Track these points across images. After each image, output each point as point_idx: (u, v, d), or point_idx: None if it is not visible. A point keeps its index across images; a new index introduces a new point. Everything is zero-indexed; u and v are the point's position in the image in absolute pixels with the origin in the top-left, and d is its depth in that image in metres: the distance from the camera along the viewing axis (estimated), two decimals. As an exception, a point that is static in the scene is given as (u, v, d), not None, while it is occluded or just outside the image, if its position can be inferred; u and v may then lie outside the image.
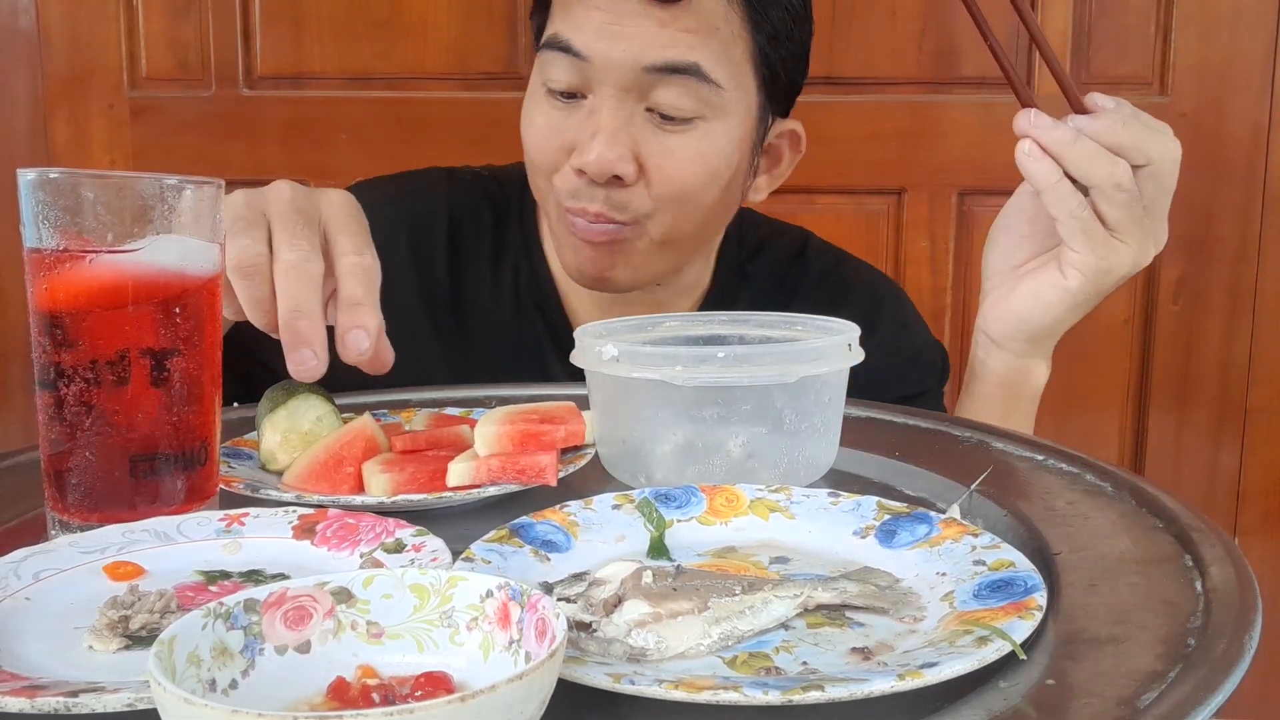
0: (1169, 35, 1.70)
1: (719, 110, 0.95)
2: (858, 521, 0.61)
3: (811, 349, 0.68)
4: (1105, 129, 0.86)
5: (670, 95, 0.93)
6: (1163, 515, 0.62)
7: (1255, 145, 1.71)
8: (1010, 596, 0.49)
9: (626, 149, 0.93)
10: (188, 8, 1.80)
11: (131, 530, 0.59)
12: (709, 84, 0.93)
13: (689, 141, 0.95)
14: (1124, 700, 0.42)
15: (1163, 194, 0.90)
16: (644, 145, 0.94)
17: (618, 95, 0.93)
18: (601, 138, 0.92)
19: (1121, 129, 0.86)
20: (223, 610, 0.41)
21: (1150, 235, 0.90)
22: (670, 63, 0.91)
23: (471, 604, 0.43)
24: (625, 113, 0.93)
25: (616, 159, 0.92)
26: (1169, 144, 0.89)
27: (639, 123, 0.94)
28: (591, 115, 0.94)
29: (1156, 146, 0.88)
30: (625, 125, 0.93)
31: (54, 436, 0.61)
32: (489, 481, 0.67)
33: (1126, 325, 1.76)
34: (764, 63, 0.98)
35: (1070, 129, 0.87)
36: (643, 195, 0.95)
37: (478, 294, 1.11)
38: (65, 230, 0.58)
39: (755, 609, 0.49)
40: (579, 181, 0.94)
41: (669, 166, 0.94)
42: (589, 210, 0.95)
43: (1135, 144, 0.87)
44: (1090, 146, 0.86)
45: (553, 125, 0.96)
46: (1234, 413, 1.77)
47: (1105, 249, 0.88)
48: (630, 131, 0.93)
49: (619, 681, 0.42)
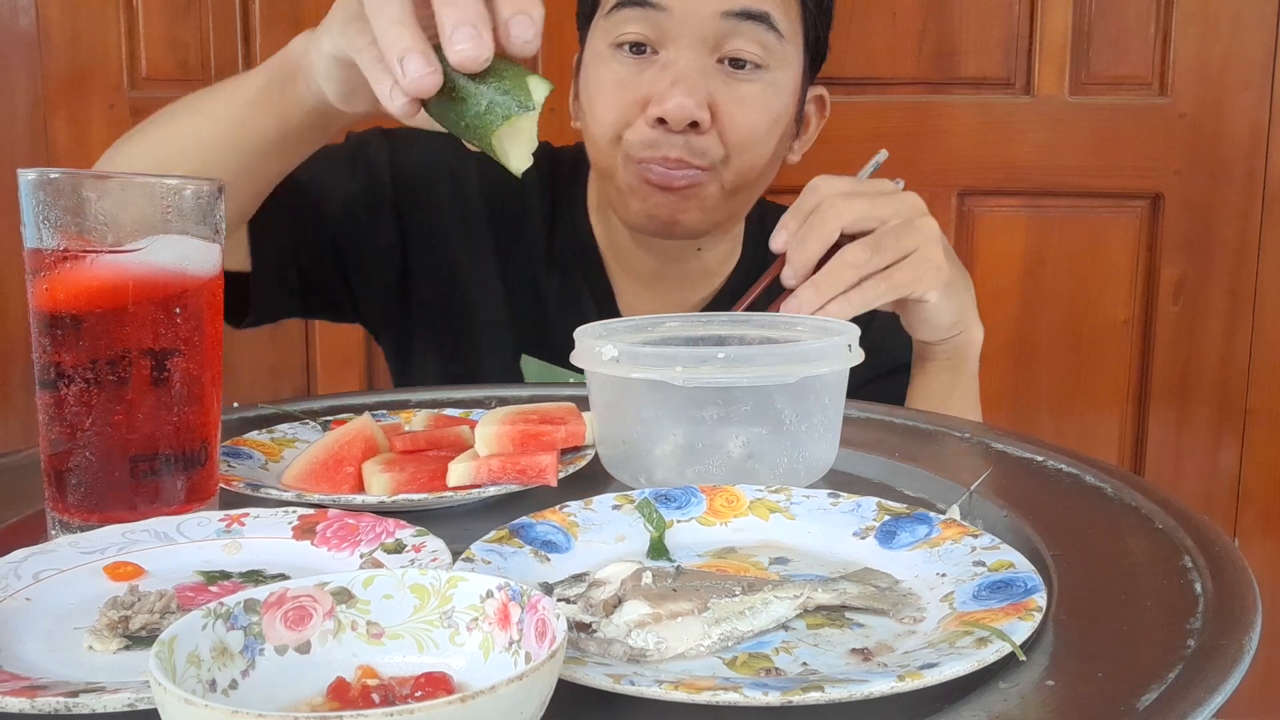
0: (1169, 35, 1.70)
1: (781, 61, 1.03)
2: (858, 522, 0.61)
3: (811, 349, 0.68)
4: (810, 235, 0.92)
5: (742, 42, 1.00)
6: (1162, 515, 0.62)
7: (1255, 145, 1.71)
8: (1010, 597, 0.49)
9: (704, 96, 0.99)
10: (188, 8, 1.80)
11: (131, 530, 0.59)
12: (775, 33, 1.01)
13: (756, 90, 1.02)
14: (1124, 700, 0.42)
15: (906, 231, 0.92)
16: (717, 94, 1.00)
17: (694, 45, 1.00)
18: (681, 86, 0.98)
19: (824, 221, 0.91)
20: (223, 610, 0.41)
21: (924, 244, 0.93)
22: (747, 9, 1.00)
23: (472, 604, 0.43)
24: (700, 63, 1.00)
25: (695, 106, 0.98)
26: (886, 204, 0.93)
27: (712, 72, 1.01)
28: (666, 68, 1.00)
29: (871, 210, 0.92)
30: (702, 74, 1.00)
31: (54, 436, 0.61)
32: (489, 481, 0.67)
33: (1126, 325, 1.76)
34: (811, 25, 1.06)
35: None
36: (715, 142, 1.01)
37: (533, 258, 1.18)
38: (65, 230, 0.58)
39: (755, 610, 0.49)
40: (654, 132, 1.00)
41: (739, 113, 1.01)
42: (669, 157, 1.00)
43: (854, 216, 0.92)
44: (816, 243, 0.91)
45: (625, 81, 1.02)
46: (1234, 413, 1.77)
47: (918, 270, 0.92)
48: (705, 81, 1.00)
49: (619, 682, 0.42)
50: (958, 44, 1.71)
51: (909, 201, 0.93)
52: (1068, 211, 1.75)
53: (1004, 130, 1.73)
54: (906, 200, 0.93)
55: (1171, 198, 1.72)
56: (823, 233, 0.90)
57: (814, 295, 0.88)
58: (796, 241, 0.91)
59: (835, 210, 0.90)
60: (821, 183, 0.93)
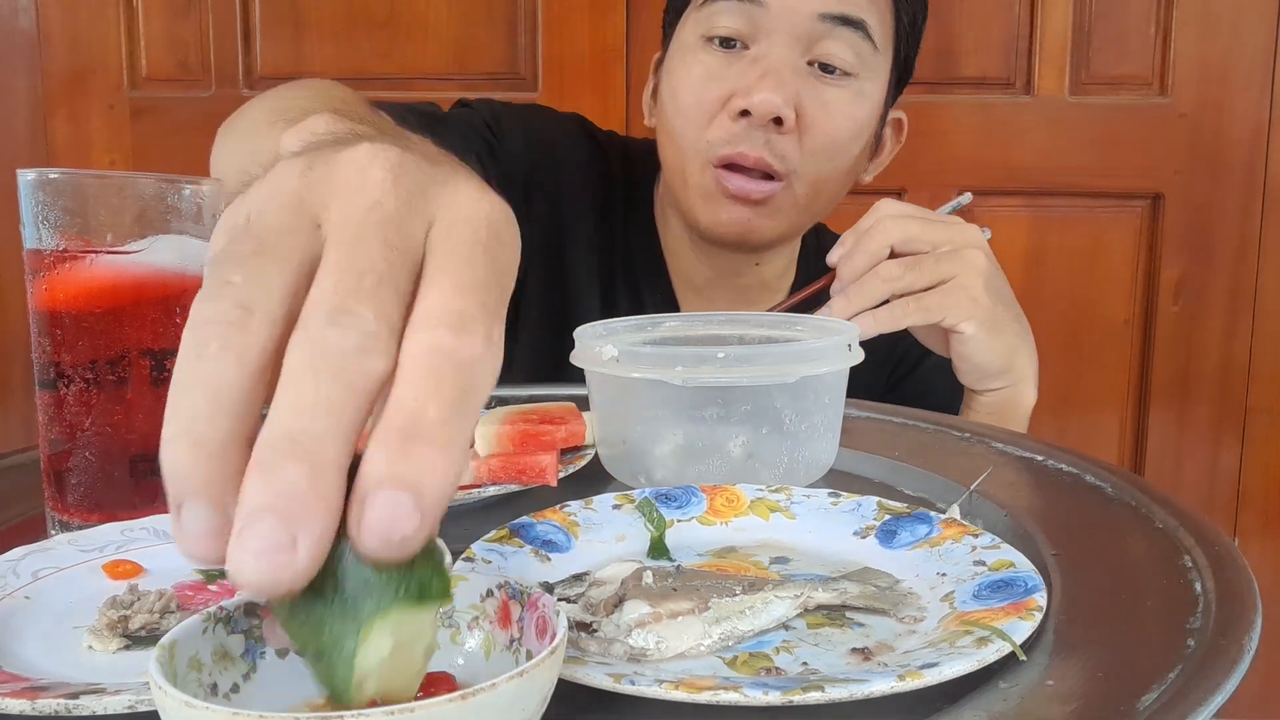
0: (1169, 35, 1.70)
1: (872, 72, 1.02)
2: (858, 521, 0.61)
3: (811, 349, 0.68)
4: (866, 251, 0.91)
5: (836, 46, 0.99)
6: (1162, 515, 0.62)
7: (1255, 145, 1.71)
8: (1010, 597, 0.49)
9: (791, 93, 0.98)
10: (188, 8, 1.80)
11: (130, 528, 0.59)
12: (869, 42, 1.00)
13: (844, 96, 1.01)
14: (1124, 700, 0.42)
15: (958, 265, 0.91)
16: (804, 94, 1.00)
17: (788, 42, 0.99)
18: (770, 79, 0.97)
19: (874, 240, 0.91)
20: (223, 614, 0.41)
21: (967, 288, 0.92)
22: (844, 14, 0.99)
23: (472, 604, 0.43)
24: (792, 61, 0.99)
25: (783, 101, 0.97)
26: (946, 233, 0.92)
27: (802, 72, 1.00)
28: (756, 62, 0.99)
29: (926, 234, 0.92)
30: (794, 73, 0.99)
31: (54, 436, 0.61)
32: (489, 481, 0.67)
33: (1126, 325, 1.76)
34: (900, 42, 1.05)
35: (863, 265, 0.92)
36: (795, 145, 1.00)
37: (585, 248, 1.16)
38: (65, 230, 0.58)
39: (755, 609, 0.49)
40: (737, 127, 0.99)
41: (824, 118, 1.01)
42: (748, 155, 0.99)
43: (901, 238, 0.91)
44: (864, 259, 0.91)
45: (713, 74, 1.01)
46: (1234, 413, 1.77)
47: (955, 297, 0.90)
48: (796, 80, 0.99)
49: (619, 681, 0.42)
50: (958, 44, 1.71)
51: (965, 233, 0.92)
52: (1068, 211, 1.75)
53: (1004, 130, 1.73)
54: (963, 231, 0.92)
55: (1171, 198, 1.72)
56: (869, 247, 0.90)
57: (843, 304, 0.88)
58: (845, 254, 0.91)
59: (886, 228, 0.90)
60: (884, 204, 0.92)
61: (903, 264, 0.89)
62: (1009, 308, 0.94)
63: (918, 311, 0.89)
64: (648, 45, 1.70)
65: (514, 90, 1.79)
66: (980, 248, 0.92)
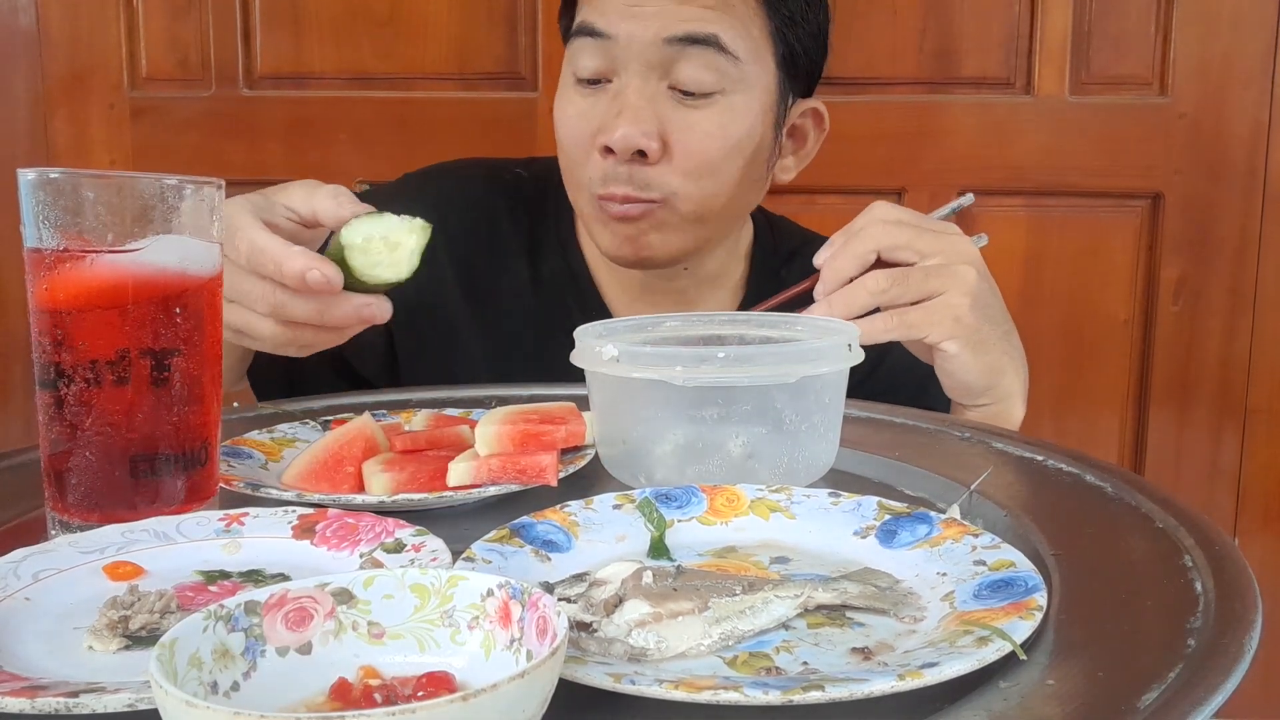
0: (1169, 35, 1.70)
1: (739, 84, 0.99)
2: (858, 521, 0.61)
3: (811, 349, 0.68)
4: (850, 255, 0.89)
5: (691, 69, 0.97)
6: (1162, 515, 0.62)
7: (1255, 145, 1.71)
8: (1010, 596, 0.49)
9: (651, 125, 0.97)
10: (188, 8, 1.80)
11: (131, 530, 0.59)
12: (727, 56, 0.98)
13: (711, 115, 0.99)
14: (1124, 700, 0.42)
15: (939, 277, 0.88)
16: (668, 121, 0.98)
17: (641, 73, 0.97)
18: (626, 114, 0.96)
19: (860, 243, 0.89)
20: (223, 613, 0.41)
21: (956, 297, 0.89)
22: (690, 34, 0.96)
23: (472, 603, 0.43)
24: (649, 90, 0.97)
25: (640, 134, 0.96)
26: (933, 241, 0.89)
27: (662, 100, 0.98)
28: (617, 96, 0.98)
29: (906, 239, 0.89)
30: (649, 102, 0.97)
31: (54, 436, 0.61)
32: (489, 481, 0.67)
33: (1126, 325, 1.76)
34: (781, 40, 1.02)
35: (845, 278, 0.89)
36: (667, 173, 0.99)
37: (516, 290, 1.15)
38: (65, 230, 0.58)
39: (756, 609, 0.49)
40: (607, 164, 0.98)
41: (691, 141, 0.98)
42: (615, 194, 0.98)
43: (882, 245, 0.89)
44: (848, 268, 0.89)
45: (582, 113, 1.01)
46: (1234, 413, 1.76)
47: (939, 315, 0.87)
48: (654, 108, 0.97)
49: (619, 681, 0.42)
50: (958, 44, 1.71)
51: (957, 246, 0.88)
52: (1068, 211, 1.75)
53: (1004, 130, 1.73)
54: (955, 243, 0.89)
55: (1171, 197, 1.72)
56: (856, 250, 0.87)
57: (825, 310, 0.86)
58: (830, 257, 0.89)
59: (874, 233, 0.87)
60: (877, 206, 0.90)
61: (890, 276, 0.86)
62: (996, 325, 0.91)
63: (900, 327, 0.86)
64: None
65: (514, 90, 1.79)
66: (972, 263, 0.88)
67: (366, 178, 1.81)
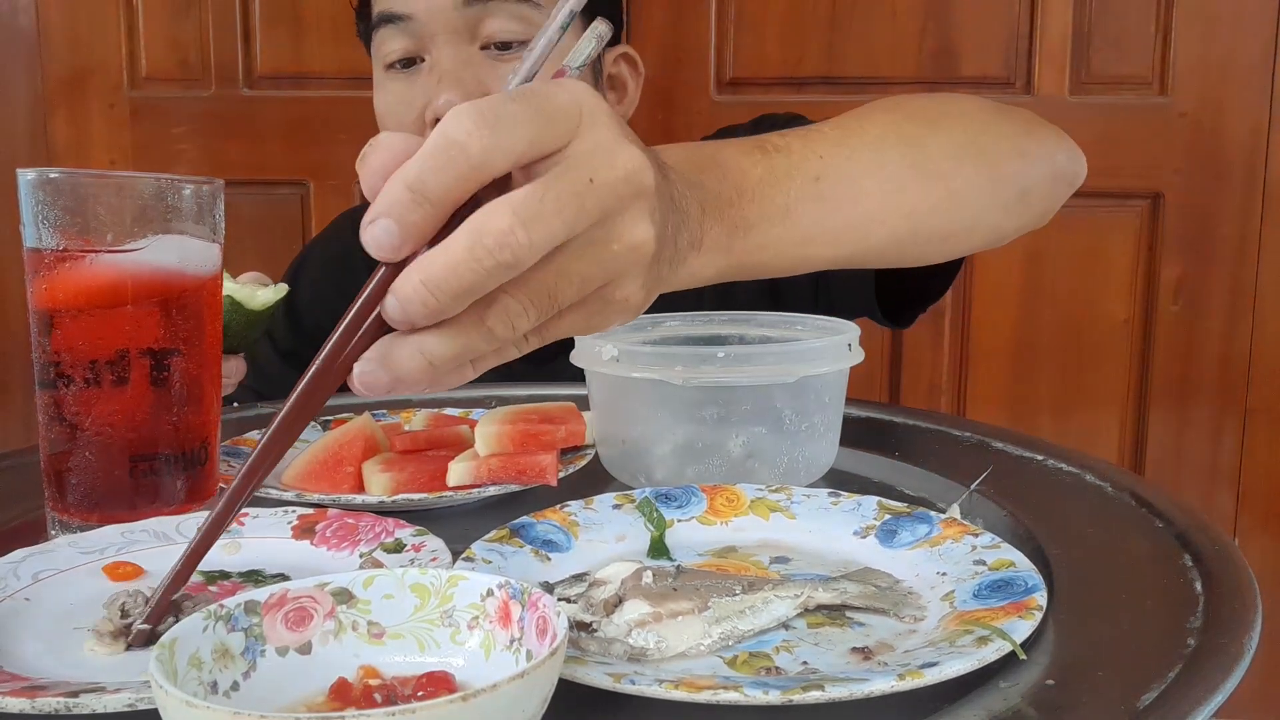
0: (1169, 35, 1.70)
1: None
2: (858, 521, 0.61)
3: (811, 349, 0.68)
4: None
5: (498, 22, 0.97)
6: (1162, 515, 0.62)
7: (1255, 145, 1.71)
8: (1010, 596, 0.49)
9: (473, 86, 0.96)
10: (188, 8, 1.80)
11: (131, 530, 0.59)
12: (531, 4, 0.97)
13: None
14: (1124, 700, 0.42)
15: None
16: (489, 81, 0.97)
17: (451, 41, 0.97)
18: (446, 80, 0.96)
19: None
20: (223, 612, 0.41)
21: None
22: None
23: (472, 603, 0.43)
24: (462, 56, 0.97)
25: (465, 97, 0.95)
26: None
27: (478, 62, 0.98)
28: (432, 70, 0.98)
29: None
30: (465, 65, 0.97)
31: (54, 436, 0.61)
32: (489, 481, 0.67)
33: (1126, 325, 1.76)
34: None
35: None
36: None
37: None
38: (65, 230, 0.58)
39: (755, 609, 0.49)
40: None
41: None
42: None
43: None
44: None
45: (401, 98, 1.00)
46: (1234, 412, 1.76)
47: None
48: (471, 71, 0.97)
49: (619, 681, 0.42)
50: (958, 44, 1.71)
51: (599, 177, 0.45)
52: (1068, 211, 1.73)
53: (1004, 130, 1.73)
54: (594, 178, 0.45)
55: (1171, 198, 1.72)
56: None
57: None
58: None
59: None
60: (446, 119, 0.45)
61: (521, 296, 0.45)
62: (685, 218, 0.51)
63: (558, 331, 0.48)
64: (648, 44, 1.70)
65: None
66: (623, 175, 0.45)
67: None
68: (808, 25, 1.72)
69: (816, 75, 1.72)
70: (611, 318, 0.47)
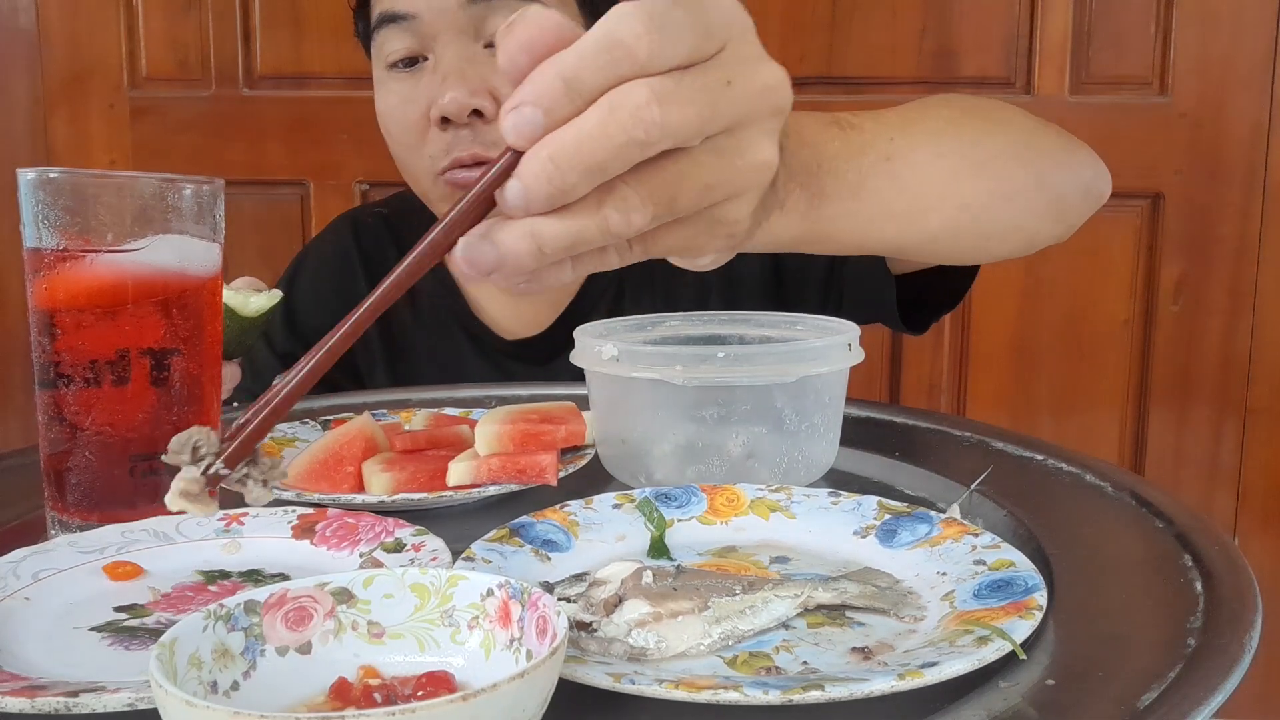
0: (1169, 35, 1.70)
1: None
2: (858, 521, 0.61)
3: (811, 349, 0.68)
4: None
5: (500, 20, 0.95)
6: (1162, 515, 0.62)
7: (1255, 145, 1.71)
8: (1010, 596, 0.49)
9: (478, 83, 0.95)
10: (188, 8, 1.80)
11: (131, 530, 0.59)
12: (534, 1, 0.97)
13: None
14: (1124, 700, 0.42)
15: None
16: (494, 78, 0.96)
17: (455, 40, 0.96)
18: (451, 79, 0.95)
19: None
20: (223, 612, 0.41)
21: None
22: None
23: (472, 603, 0.43)
24: (466, 54, 0.97)
25: (470, 94, 0.94)
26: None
27: (482, 59, 0.97)
28: (436, 68, 0.97)
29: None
30: (470, 64, 0.96)
31: (54, 436, 0.61)
32: (489, 481, 0.67)
33: (1126, 325, 1.76)
34: None
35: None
36: None
37: (403, 319, 1.15)
38: (65, 230, 0.58)
39: (755, 609, 0.49)
40: (445, 135, 0.97)
41: None
42: (463, 157, 0.97)
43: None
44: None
45: (406, 96, 1.00)
46: (1234, 412, 1.77)
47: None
48: (475, 69, 0.96)
49: (619, 681, 0.42)
50: (958, 43, 1.71)
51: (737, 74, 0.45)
52: (1068, 211, 1.75)
53: (1004, 130, 1.73)
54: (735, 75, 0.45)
55: (1171, 197, 1.72)
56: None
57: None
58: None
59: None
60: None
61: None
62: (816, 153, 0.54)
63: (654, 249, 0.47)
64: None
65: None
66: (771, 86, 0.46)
67: (366, 178, 1.81)
68: (807, 25, 1.72)
69: (816, 75, 1.72)
70: (716, 240, 0.47)
